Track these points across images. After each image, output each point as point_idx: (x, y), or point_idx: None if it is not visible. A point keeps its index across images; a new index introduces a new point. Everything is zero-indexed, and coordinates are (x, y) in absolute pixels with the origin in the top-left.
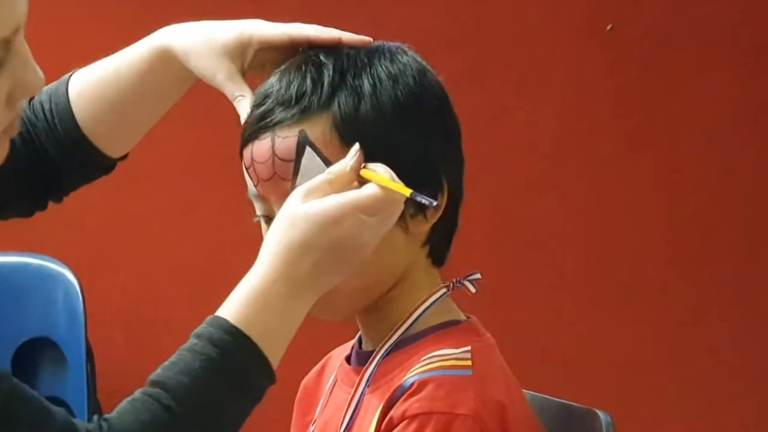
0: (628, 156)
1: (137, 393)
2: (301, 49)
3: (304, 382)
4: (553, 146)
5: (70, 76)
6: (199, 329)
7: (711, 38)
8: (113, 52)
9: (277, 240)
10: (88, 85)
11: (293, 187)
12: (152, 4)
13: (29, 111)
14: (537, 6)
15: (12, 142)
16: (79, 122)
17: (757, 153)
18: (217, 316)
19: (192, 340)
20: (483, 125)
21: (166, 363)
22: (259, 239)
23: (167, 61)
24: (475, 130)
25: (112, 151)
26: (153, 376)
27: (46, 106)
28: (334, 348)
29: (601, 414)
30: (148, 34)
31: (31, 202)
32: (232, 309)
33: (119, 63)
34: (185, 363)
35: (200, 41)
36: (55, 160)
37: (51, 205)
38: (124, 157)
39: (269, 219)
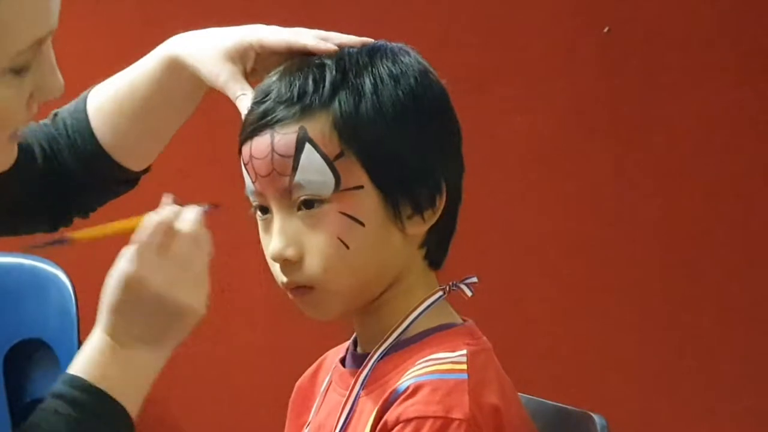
0: (625, 159)
1: None
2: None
3: (298, 383)
4: (550, 149)
5: (89, 91)
6: (57, 389)
7: (708, 40)
8: (112, 56)
9: (103, 300)
10: (105, 99)
11: (291, 183)
12: (153, 7)
13: (52, 128)
14: (534, 8)
15: (33, 158)
16: (98, 137)
17: (754, 155)
18: (73, 375)
19: (53, 401)
20: (480, 128)
21: (26, 424)
22: (252, 239)
23: (178, 70)
24: (472, 134)
25: (132, 164)
26: None
27: (68, 122)
28: (328, 349)
29: (596, 417)
30: (147, 35)
31: (53, 217)
32: (83, 366)
33: (134, 75)
34: (50, 425)
35: (204, 47)
36: (77, 176)
37: None
38: (147, 170)
39: (265, 210)
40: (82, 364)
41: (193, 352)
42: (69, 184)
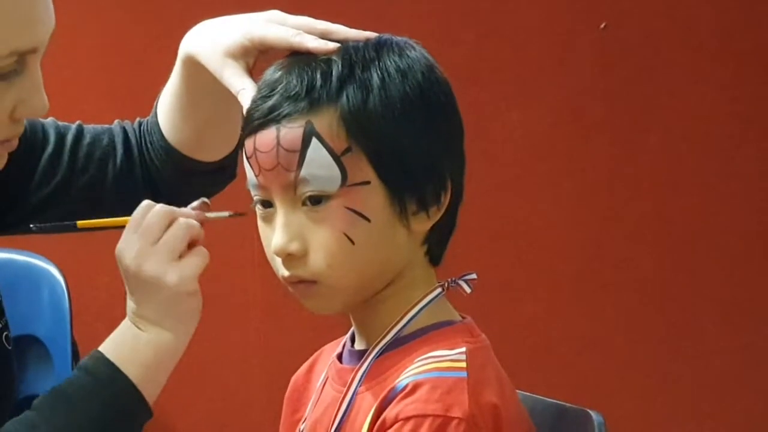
0: (620, 155)
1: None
2: None
3: (293, 378)
4: (546, 145)
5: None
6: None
7: (704, 37)
8: (99, 54)
9: None
10: (162, 99)
11: (297, 179)
12: (140, 5)
13: (138, 135)
14: (530, 4)
15: (131, 160)
16: (164, 133)
17: (750, 153)
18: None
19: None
20: (476, 125)
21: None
22: (246, 234)
23: (195, 67)
24: (467, 130)
25: (203, 155)
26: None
27: (151, 121)
28: (323, 345)
29: (593, 414)
30: (134, 33)
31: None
32: (106, 342)
33: (172, 76)
34: (63, 384)
35: (208, 45)
36: (161, 172)
37: None
38: (229, 163)
39: (267, 204)
40: (107, 340)
41: (188, 348)
42: (158, 181)
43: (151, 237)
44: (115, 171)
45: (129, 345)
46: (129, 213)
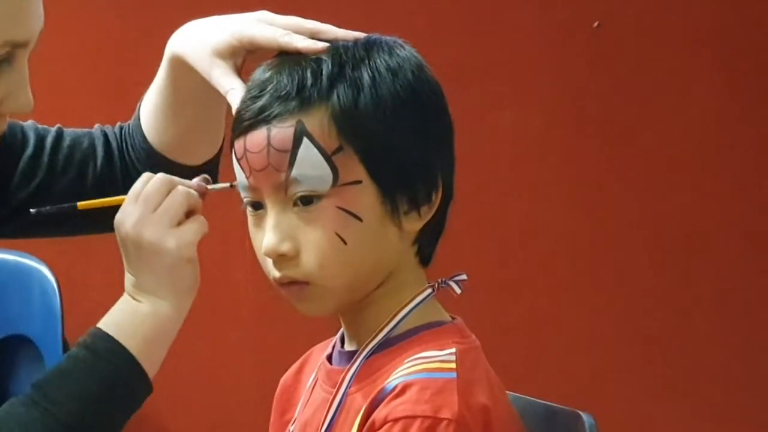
0: (615, 155)
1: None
2: None
3: (283, 379)
4: (540, 144)
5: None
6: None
7: (698, 35)
8: (90, 54)
9: None
10: (146, 101)
11: (288, 179)
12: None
13: (119, 139)
14: (523, 3)
15: (112, 163)
16: (147, 136)
17: (745, 152)
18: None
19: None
20: (469, 124)
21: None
22: (238, 235)
23: (183, 67)
24: (461, 129)
25: (185, 159)
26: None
27: (129, 125)
28: (312, 345)
29: (584, 416)
30: (126, 32)
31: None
32: (104, 318)
33: (158, 76)
34: (62, 362)
35: (195, 44)
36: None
37: None
38: (214, 165)
39: (258, 206)
40: (105, 316)
41: (179, 349)
42: (131, 181)
43: (151, 204)
44: (96, 174)
45: (128, 318)
46: (110, 215)
